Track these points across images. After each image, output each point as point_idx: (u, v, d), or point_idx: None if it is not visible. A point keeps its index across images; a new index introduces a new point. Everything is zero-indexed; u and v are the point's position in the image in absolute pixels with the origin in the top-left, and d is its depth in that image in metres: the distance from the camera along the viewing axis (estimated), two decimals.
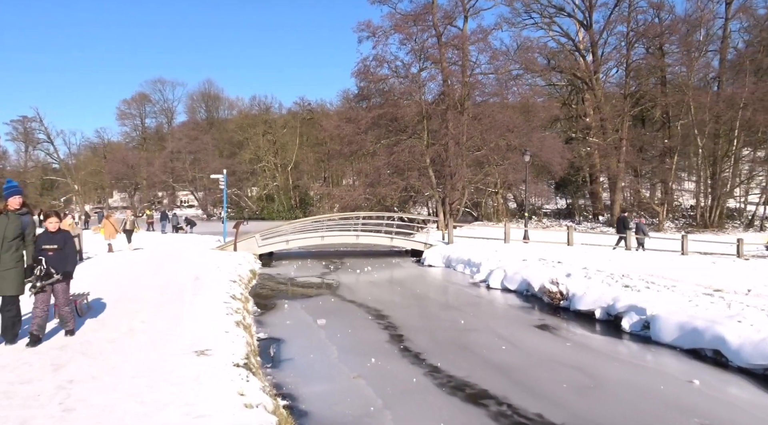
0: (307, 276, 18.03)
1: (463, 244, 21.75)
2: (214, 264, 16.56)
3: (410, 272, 19.16)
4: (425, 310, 12.11)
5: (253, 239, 22.49)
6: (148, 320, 8.77)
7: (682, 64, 39.51)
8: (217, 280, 13.44)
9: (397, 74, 34.02)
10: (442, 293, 14.67)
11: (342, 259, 22.98)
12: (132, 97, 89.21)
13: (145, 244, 24.51)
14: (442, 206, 34.21)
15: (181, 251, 20.87)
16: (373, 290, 15.06)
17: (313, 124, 75.73)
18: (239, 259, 18.80)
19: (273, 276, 18.06)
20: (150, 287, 12.06)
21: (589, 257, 17.35)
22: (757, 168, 42.05)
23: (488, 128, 31.21)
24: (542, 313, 11.61)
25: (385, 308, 12.24)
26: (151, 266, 15.81)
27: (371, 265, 20.49)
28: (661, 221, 40.46)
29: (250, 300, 12.78)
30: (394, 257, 23.88)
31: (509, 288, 14.22)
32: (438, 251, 20.65)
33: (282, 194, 69.01)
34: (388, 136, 33.91)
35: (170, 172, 74.88)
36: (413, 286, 15.63)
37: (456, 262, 18.73)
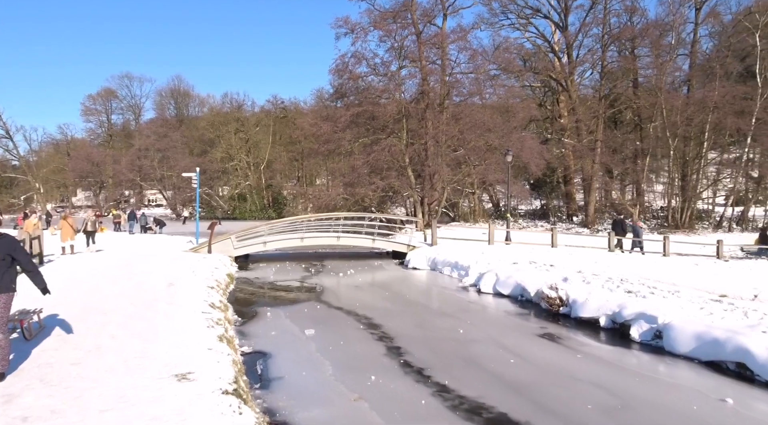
0: (288, 280, 17.05)
1: (447, 246, 21.08)
2: (189, 268, 15.45)
3: (395, 275, 18.38)
4: (419, 318, 11.34)
5: (229, 240, 21.35)
6: (119, 335, 7.74)
7: (654, 67, 39.86)
8: (193, 286, 12.39)
9: (376, 72, 33.24)
10: (432, 298, 13.92)
11: (322, 261, 22.05)
12: (97, 93, 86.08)
13: (111, 245, 23.07)
14: (421, 207, 33.57)
15: (151, 254, 19.61)
16: (359, 295, 14.22)
17: (287, 122, 74.30)
18: (215, 262, 17.69)
19: (251, 280, 17.02)
20: (119, 295, 10.96)
21: (578, 260, 16.89)
22: (724, 171, 42.77)
23: (468, 127, 30.68)
24: (542, 320, 10.97)
25: (376, 315, 11.42)
26: (119, 271, 14.61)
27: (353, 267, 19.64)
28: (635, 222, 40.71)
29: (230, 308, 11.79)
30: (376, 259, 23.06)
31: (502, 293, 13.57)
32: (422, 253, 19.92)
33: (255, 193, 67.41)
34: (366, 135, 33.07)
35: (138, 170, 72.36)
36: (401, 291, 14.85)
37: (442, 265, 18.03)
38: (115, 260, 17.37)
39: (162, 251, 21.12)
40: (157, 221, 37.03)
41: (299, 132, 69.98)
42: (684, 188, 39.71)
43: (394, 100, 32.11)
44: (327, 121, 34.06)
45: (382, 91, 32.87)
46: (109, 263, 16.32)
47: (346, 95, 34.90)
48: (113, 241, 25.73)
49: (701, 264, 19.57)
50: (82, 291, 11.33)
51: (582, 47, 43.75)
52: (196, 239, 24.42)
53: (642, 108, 42.50)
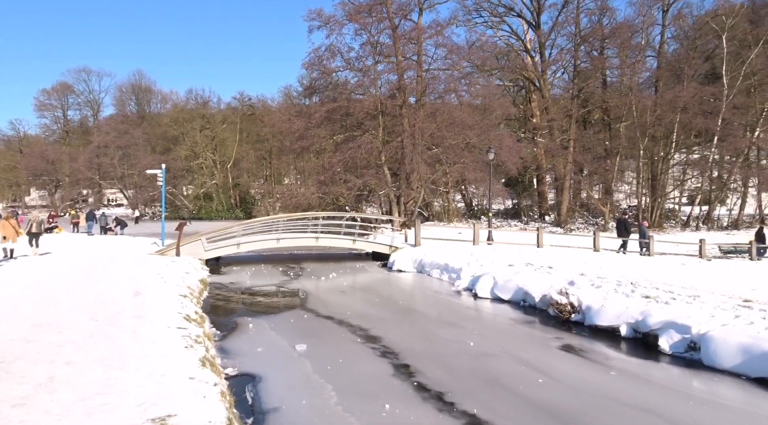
0: (266, 285, 15.65)
1: (431, 247, 20.03)
2: (156, 273, 13.89)
3: (380, 278, 17.20)
4: (420, 328, 10.20)
5: (199, 242, 19.74)
6: (77, 361, 6.32)
7: (625, 66, 39.93)
8: (163, 295, 10.91)
9: (351, 67, 31.93)
10: (428, 304, 12.77)
11: (299, 264, 20.68)
12: (52, 87, 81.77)
13: (68, 248, 21.11)
14: (398, 206, 32.47)
15: (114, 257, 17.85)
16: (348, 301, 12.98)
17: (254, 120, 72.06)
18: (185, 266, 16.12)
19: (226, 286, 15.54)
20: (77, 307, 9.41)
21: (572, 261, 16.09)
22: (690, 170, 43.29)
23: (447, 125, 29.72)
24: (554, 329, 10.00)
25: (371, 325, 10.22)
26: (77, 278, 12.94)
27: (334, 270, 18.36)
28: (606, 221, 40.76)
29: (206, 319, 10.38)
30: (356, 260, 21.84)
31: (501, 298, 12.58)
32: (407, 254, 18.81)
33: (221, 192, 65.05)
34: (341, 132, 31.71)
35: (96, 168, 68.96)
36: (392, 296, 13.68)
37: (430, 267, 16.95)
38: (72, 265, 15.59)
39: (125, 254, 19.34)
40: (117, 221, 34.76)
41: (267, 130, 68.08)
42: (654, 188, 39.93)
43: (370, 96, 30.89)
44: (300, 117, 32.55)
45: (358, 87, 31.60)
46: (66, 269, 14.59)
47: (320, 91, 33.45)
48: (70, 243, 23.68)
49: (688, 264, 19.16)
50: (33, 303, 9.73)
51: (554, 47, 43.66)
52: (162, 240, 22.67)
53: (613, 108, 42.61)
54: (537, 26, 43.46)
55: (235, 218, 62.66)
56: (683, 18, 42.15)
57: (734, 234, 37.13)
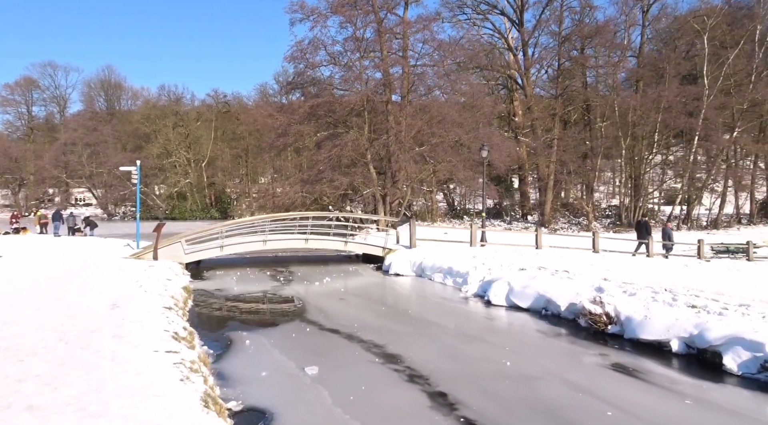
0: (256, 292, 14.19)
1: (427, 249, 18.84)
2: (135, 280, 12.30)
3: (379, 283, 15.90)
4: (441, 343, 8.96)
5: (179, 244, 18.09)
6: (42, 406, 4.86)
7: (609, 65, 39.55)
8: (145, 307, 9.41)
9: (336, 61, 30.48)
10: (440, 313, 11.46)
11: (287, 267, 19.21)
12: (16, 82, 77.63)
13: (34, 251, 19.17)
14: (383, 206, 31.21)
15: (84, 262, 16.08)
16: (350, 310, 11.65)
17: (230, 117, 69.81)
18: (165, 271, 14.53)
19: (212, 293, 14.02)
20: (43, 326, 7.86)
21: (580, 264, 15.08)
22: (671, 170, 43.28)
23: (437, 122, 28.57)
24: (590, 343, 8.88)
25: (386, 341, 8.93)
26: (44, 287, 11.28)
27: (326, 274, 16.98)
28: (590, 221, 40.36)
29: (195, 335, 8.93)
30: (346, 263, 20.49)
31: (519, 305, 11.44)
32: (404, 257, 17.54)
33: (195, 192, 62.64)
34: (326, 128, 30.26)
35: (63, 166, 65.67)
36: (398, 304, 12.41)
37: (431, 271, 15.73)
38: (37, 271, 13.83)
39: (97, 257, 17.56)
40: (87, 221, 32.50)
41: (244, 128, 66.01)
42: (637, 187, 39.68)
43: (355, 92, 29.53)
44: (282, 112, 30.97)
45: (343, 82, 30.22)
46: (30, 276, 12.85)
47: (302, 86, 31.91)
48: (35, 246, 21.67)
49: (690, 265, 18.46)
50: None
51: (537, 45, 43.08)
52: (137, 242, 20.88)
53: (594, 107, 42.27)
54: (520, 24, 42.82)
55: (211, 218, 60.40)
56: (662, 18, 42.10)
57: (714, 233, 37.07)
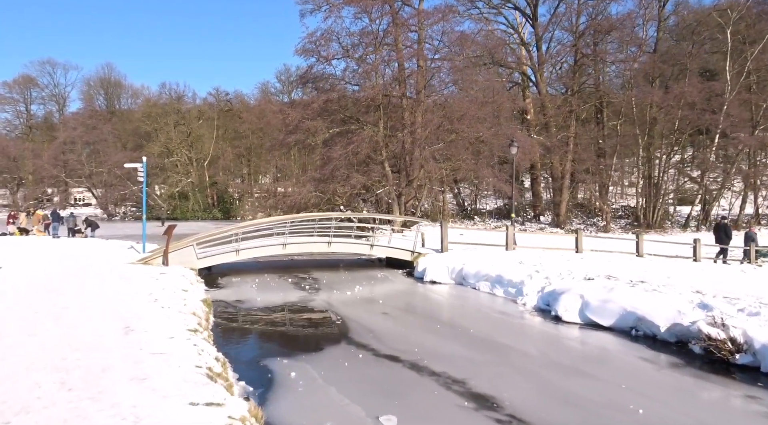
0: (283, 304, 12.37)
1: (463, 253, 17.08)
2: (148, 293, 10.46)
3: (418, 293, 14.09)
4: (537, 378, 7.12)
5: (191, 248, 16.24)
6: None
7: (630, 60, 37.82)
8: (164, 330, 7.58)
9: (349, 54, 28.64)
10: (509, 333, 9.49)
11: (308, 272, 17.39)
12: (14, 80, 75.57)
13: (30, 255, 17.29)
14: (398, 206, 29.43)
15: (87, 268, 14.23)
16: (402, 329, 9.83)
17: (232, 116, 67.90)
18: (179, 280, 12.70)
19: (234, 306, 12.19)
20: (38, 361, 6.02)
21: (651, 272, 13.31)
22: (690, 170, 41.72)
23: (458, 117, 26.77)
24: (725, 378, 7.06)
25: (467, 375, 7.12)
26: (40, 302, 9.43)
27: (354, 281, 15.19)
28: (608, 221, 38.71)
29: (228, 367, 7.11)
30: (370, 268, 18.70)
31: (598, 323, 9.67)
32: (439, 262, 15.73)
33: (197, 191, 60.69)
34: (339, 125, 28.43)
35: (62, 165, 63.64)
36: (454, 320, 10.55)
37: (475, 279, 13.93)
38: (32, 281, 11.96)
39: (100, 262, 15.69)
40: (88, 222, 30.56)
41: (247, 126, 64.12)
42: (657, 186, 38.03)
43: (370, 86, 27.73)
44: (293, 108, 29.14)
45: (363, 75, 28.36)
46: (27, 287, 11.00)
47: (314, 80, 30.04)
48: (33, 249, 19.77)
49: (748, 271, 16.78)
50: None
51: (552, 40, 41.42)
52: (143, 245, 19.02)
53: (611, 104, 40.64)
54: (534, 19, 41.11)
55: (213, 218, 58.44)
56: (683, 12, 40.48)
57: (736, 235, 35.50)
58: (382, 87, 27.33)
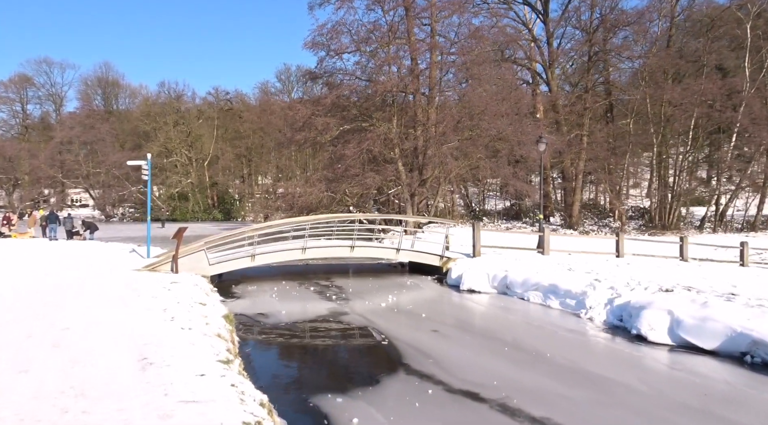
0: (315, 319, 10.73)
1: (495, 257, 15.54)
2: (160, 307, 8.83)
3: (460, 304, 12.49)
4: None
5: (202, 252, 14.59)
6: None
7: (650, 55, 36.31)
8: (191, 363, 5.96)
9: (360, 48, 26.98)
10: (595, 359, 7.74)
11: (329, 279, 15.79)
12: (10, 79, 73.43)
13: (24, 259, 15.59)
14: (411, 206, 27.83)
15: (88, 276, 12.57)
16: (467, 355, 8.13)
17: (232, 115, 66.14)
18: (192, 291, 11.06)
19: (259, 323, 10.53)
20: (32, 414, 4.41)
21: (719, 280, 11.81)
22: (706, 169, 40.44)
23: (478, 112, 25.15)
24: None
25: (579, 422, 5.56)
26: (34, 323, 7.78)
27: (383, 289, 13.63)
28: (623, 222, 37.28)
29: (273, 412, 5.51)
30: (394, 273, 17.14)
31: (696, 345, 8.10)
32: (475, 269, 14.15)
33: (197, 192, 58.91)
34: (350, 121, 26.79)
35: (59, 166, 61.68)
36: (519, 340, 8.86)
37: (523, 288, 12.35)
38: (30, 291, 10.30)
39: (103, 269, 14.04)
40: (86, 224, 28.82)
41: (248, 125, 62.37)
42: (673, 187, 36.63)
43: (384, 81, 26.11)
44: (303, 104, 27.50)
45: (372, 70, 26.77)
46: (20, 300, 9.33)
47: (324, 75, 28.35)
48: (30, 253, 18.05)
49: None
50: None
51: (564, 37, 39.98)
52: (147, 249, 17.33)
53: (627, 102, 39.24)
54: (545, 14, 39.65)
55: (213, 219, 56.68)
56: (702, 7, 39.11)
57: (755, 236, 34.13)
58: (398, 81, 25.70)
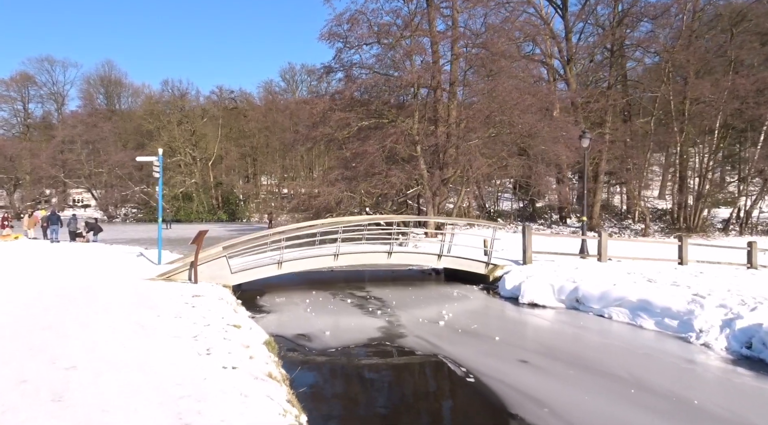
0: (366, 344, 8.85)
1: (549, 265, 13.70)
2: (191, 335, 6.94)
3: (528, 321, 10.61)
4: None
5: (223, 259, 12.69)
6: None
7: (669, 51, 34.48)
8: (245, 419, 4.13)
9: (380, 40, 25.11)
10: (759, 409, 6.21)
11: (362, 288, 13.92)
12: (11, 78, 71.67)
13: (19, 264, 13.68)
14: (432, 207, 25.98)
15: (93, 288, 10.67)
16: (591, 403, 6.21)
17: (237, 114, 64.24)
18: (220, 307, 9.19)
19: (301, 348, 8.62)
20: None
21: None
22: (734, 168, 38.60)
23: (509, 106, 23.25)
24: None
25: None
26: (26, 357, 5.89)
27: (429, 301, 11.83)
28: (647, 224, 35.45)
29: None
30: (431, 281, 15.29)
31: None
32: (536, 278, 12.28)
33: (202, 192, 57.01)
34: (369, 117, 24.91)
35: (61, 165, 59.77)
36: (639, 376, 6.97)
37: (601, 302, 10.47)
38: (23, 307, 8.40)
39: (111, 278, 12.15)
40: (90, 225, 26.92)
41: (253, 124, 60.44)
42: (700, 187, 34.83)
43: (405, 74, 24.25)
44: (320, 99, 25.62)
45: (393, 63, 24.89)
46: (9, 323, 7.42)
47: (342, 69, 26.45)
48: (26, 258, 16.14)
49: None
50: None
51: (583, 32, 38.19)
52: (158, 254, 15.43)
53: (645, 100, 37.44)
54: (564, 9, 37.85)
55: (218, 220, 54.79)
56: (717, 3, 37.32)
57: None
58: (422, 72, 23.82)
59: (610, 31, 34.56)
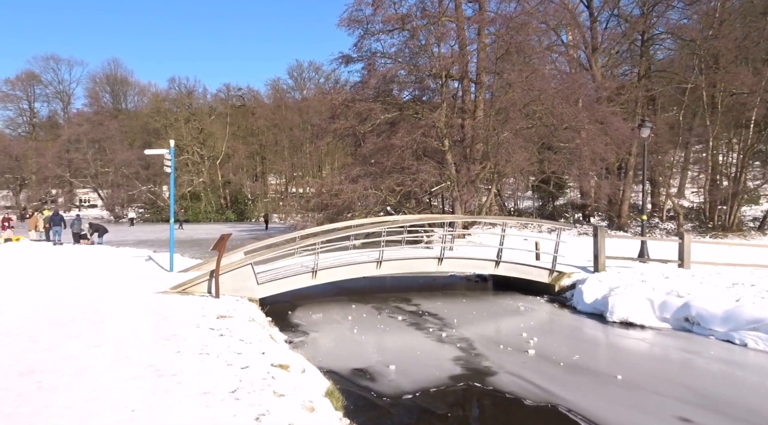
0: (440, 380, 6.68)
1: (628, 273, 11.50)
2: (226, 391, 4.81)
3: (634, 348, 8.38)
4: None
5: (248, 267, 10.52)
6: None
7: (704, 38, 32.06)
8: None
9: (403, 26, 22.86)
10: None
11: (406, 300, 11.72)
12: (17, 77, 69.79)
13: (16, 270, 11.54)
14: (461, 205, 23.78)
15: (96, 307, 8.51)
16: None
17: (245, 112, 62.09)
18: (253, 333, 7.02)
19: (355, 385, 6.44)
20: None
21: None
22: None
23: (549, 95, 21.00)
24: None
25: None
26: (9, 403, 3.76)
27: (494, 317, 9.72)
28: (681, 224, 33.12)
29: None
30: (482, 291, 13.12)
31: None
32: (626, 290, 10.07)
33: (209, 191, 54.85)
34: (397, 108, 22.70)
35: (67, 165, 57.71)
36: None
37: (724, 324, 8.21)
38: (8, 339, 6.27)
39: (116, 288, 10.01)
40: (94, 227, 24.72)
41: (262, 122, 58.32)
42: (737, 183, 32.52)
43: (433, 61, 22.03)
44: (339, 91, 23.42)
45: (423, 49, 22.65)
46: None
47: (361, 58, 24.18)
48: (24, 263, 14.00)
49: None
50: None
51: (609, 22, 35.85)
52: (170, 260, 13.27)
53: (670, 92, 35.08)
54: None
55: (227, 220, 52.70)
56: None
57: None
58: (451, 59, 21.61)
59: (641, 18, 32.25)
